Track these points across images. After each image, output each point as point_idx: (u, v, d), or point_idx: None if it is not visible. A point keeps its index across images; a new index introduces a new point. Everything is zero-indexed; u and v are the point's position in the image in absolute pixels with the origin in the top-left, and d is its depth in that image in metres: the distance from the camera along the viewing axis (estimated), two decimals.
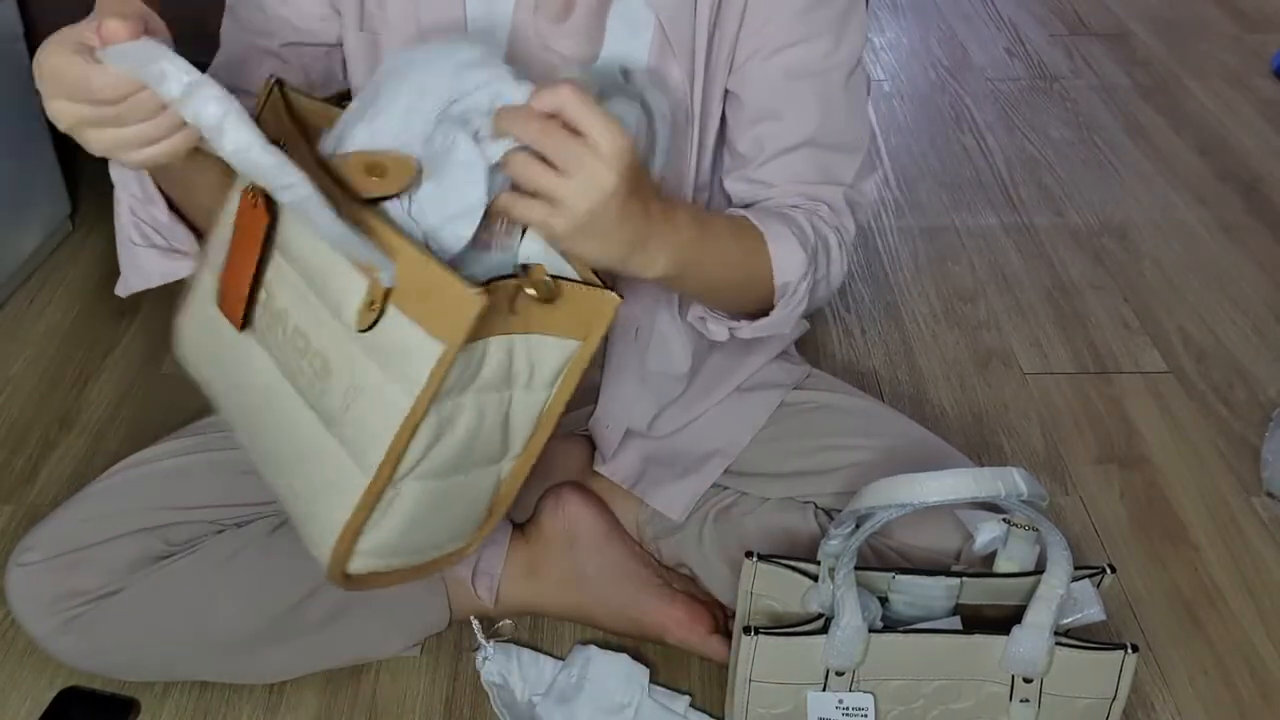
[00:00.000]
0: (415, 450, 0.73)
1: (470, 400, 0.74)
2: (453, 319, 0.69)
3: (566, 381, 0.78)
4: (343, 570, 0.78)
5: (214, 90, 0.59)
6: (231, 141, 0.60)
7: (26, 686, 1.01)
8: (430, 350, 0.69)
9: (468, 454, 0.77)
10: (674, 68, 0.86)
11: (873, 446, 1.01)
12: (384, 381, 0.72)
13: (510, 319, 0.73)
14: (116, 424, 1.32)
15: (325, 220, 0.64)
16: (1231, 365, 1.46)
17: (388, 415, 0.72)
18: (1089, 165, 1.92)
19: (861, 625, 0.85)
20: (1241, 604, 1.13)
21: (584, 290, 0.75)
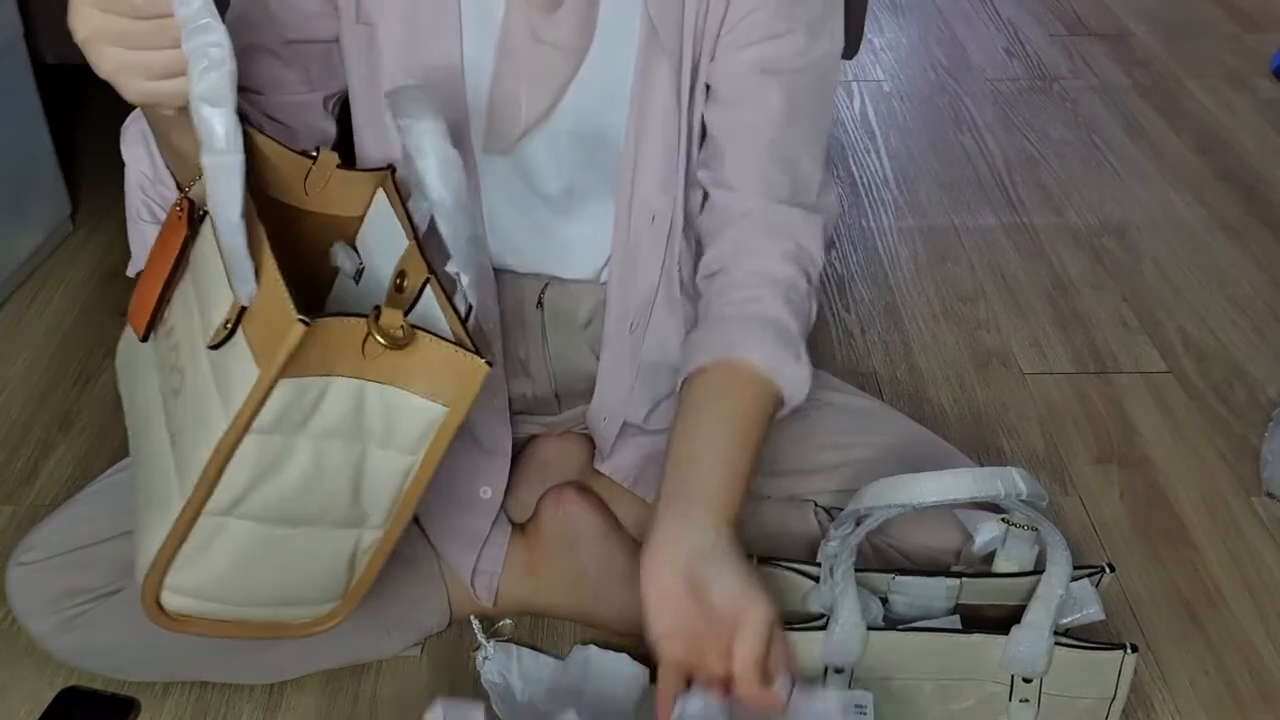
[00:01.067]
0: (235, 482, 0.70)
1: (305, 443, 0.70)
2: (273, 346, 0.66)
3: (433, 450, 0.73)
4: (155, 601, 0.75)
5: (221, 39, 0.60)
6: (206, 86, 0.61)
7: (27, 686, 1.01)
8: (249, 375, 0.67)
9: (305, 503, 0.73)
10: (661, 60, 0.87)
11: (872, 446, 1.01)
12: (217, 407, 0.69)
13: (362, 363, 0.69)
14: (116, 424, 1.31)
15: (229, 199, 0.63)
16: (1231, 365, 1.46)
17: (208, 437, 0.69)
18: (1088, 165, 1.92)
19: (860, 621, 0.85)
20: (1241, 604, 1.13)
21: (445, 350, 0.70)
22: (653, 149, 0.90)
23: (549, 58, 0.86)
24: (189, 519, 0.71)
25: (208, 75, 0.61)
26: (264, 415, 0.68)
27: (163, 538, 0.72)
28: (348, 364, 0.68)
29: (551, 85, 0.88)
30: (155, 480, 0.75)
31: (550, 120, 0.90)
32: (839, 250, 1.69)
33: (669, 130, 0.90)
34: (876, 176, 1.89)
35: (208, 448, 0.69)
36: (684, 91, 0.89)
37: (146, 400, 0.78)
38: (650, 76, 0.88)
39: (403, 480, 0.75)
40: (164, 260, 0.76)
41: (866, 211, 1.79)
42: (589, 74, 0.88)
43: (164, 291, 0.77)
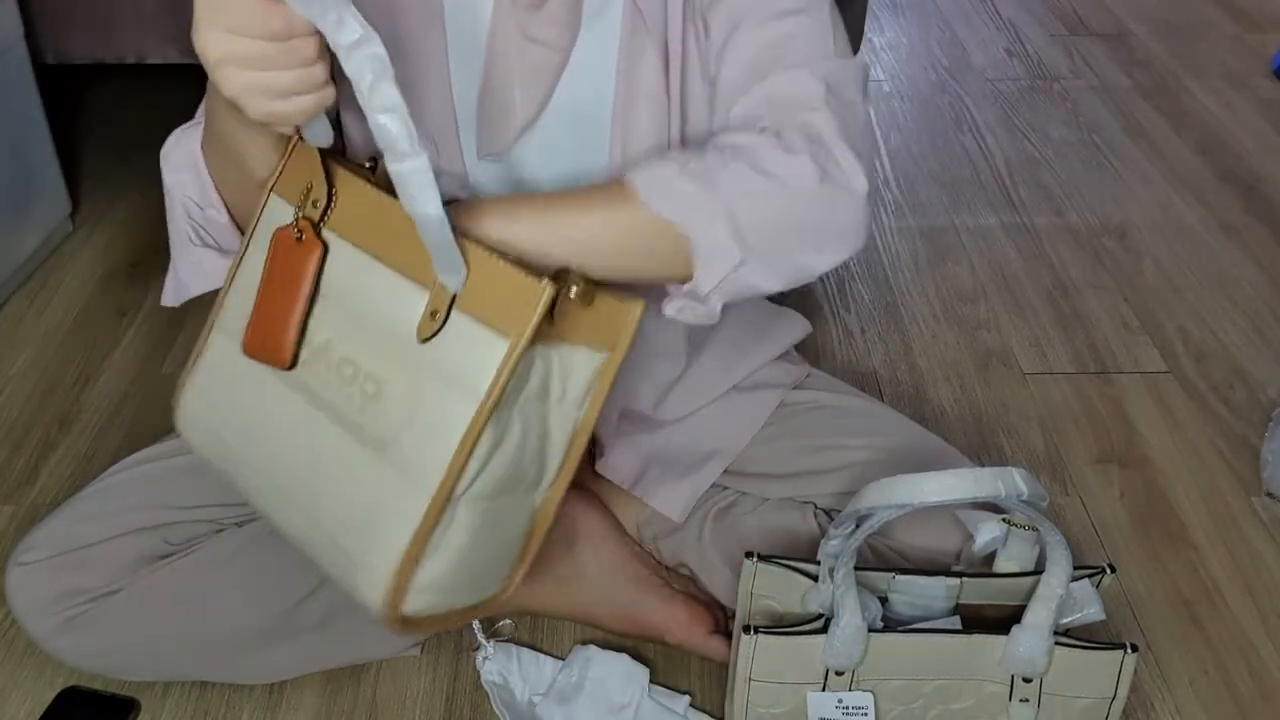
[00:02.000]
0: (473, 464, 0.71)
1: (517, 414, 0.72)
2: (520, 310, 0.67)
3: (595, 398, 0.76)
4: (398, 610, 0.74)
5: (380, 49, 0.61)
6: (381, 98, 0.61)
7: (27, 686, 1.01)
8: (497, 348, 0.68)
9: (513, 473, 0.75)
10: (646, 42, 0.86)
11: (872, 446, 1.01)
12: (443, 392, 0.70)
13: (548, 328, 0.70)
14: (116, 424, 1.32)
15: (427, 197, 0.64)
16: (1231, 365, 1.46)
17: (449, 428, 0.69)
18: (1089, 165, 1.92)
19: (861, 625, 0.85)
20: (1241, 604, 1.13)
21: (613, 301, 0.73)
22: (641, 131, 0.89)
23: (538, 55, 0.86)
24: (435, 514, 0.71)
25: (379, 87, 0.61)
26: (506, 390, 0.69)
27: (403, 545, 0.71)
28: (542, 331, 0.69)
29: (542, 83, 0.88)
30: (352, 501, 0.74)
31: (542, 118, 0.89)
32: None
33: (657, 111, 0.88)
34: (877, 177, 1.88)
35: (450, 434, 0.69)
36: (674, 70, 0.87)
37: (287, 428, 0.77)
38: (635, 59, 0.87)
39: (571, 434, 0.77)
40: (294, 286, 0.75)
41: None
42: (576, 67, 0.87)
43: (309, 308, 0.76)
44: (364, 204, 0.73)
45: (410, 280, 0.71)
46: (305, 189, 0.76)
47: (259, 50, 0.63)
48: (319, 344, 0.75)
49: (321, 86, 0.66)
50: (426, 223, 0.66)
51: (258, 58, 0.63)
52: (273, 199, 0.78)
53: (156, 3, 1.49)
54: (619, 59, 0.87)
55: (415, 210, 0.65)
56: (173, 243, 0.87)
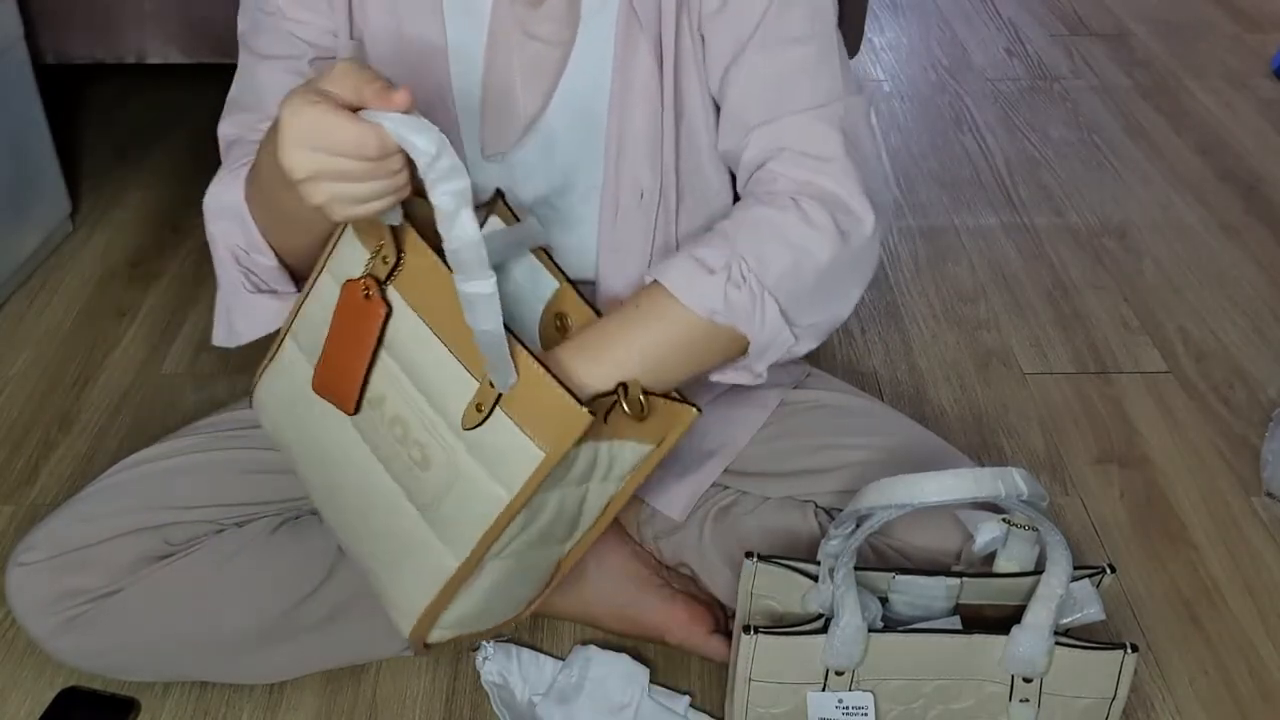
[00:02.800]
0: (505, 538, 0.79)
1: (555, 494, 0.80)
2: (559, 431, 0.74)
3: (636, 475, 0.84)
4: (423, 641, 0.87)
5: (465, 182, 0.64)
6: (458, 231, 0.65)
7: (26, 686, 1.01)
8: (533, 455, 0.75)
9: (545, 537, 0.83)
10: (640, 38, 0.86)
11: (872, 446, 1.01)
12: (485, 477, 0.77)
13: (603, 428, 0.77)
14: (116, 424, 1.32)
15: (490, 319, 0.70)
16: (1232, 365, 1.46)
17: (485, 507, 0.77)
18: (1089, 165, 1.92)
19: (861, 625, 0.85)
20: (1241, 604, 1.13)
21: (669, 405, 0.81)
22: (637, 127, 0.89)
23: (538, 52, 0.86)
24: (465, 574, 0.81)
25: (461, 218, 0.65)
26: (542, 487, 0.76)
27: (433, 594, 0.82)
28: (594, 430, 0.76)
29: (544, 81, 0.88)
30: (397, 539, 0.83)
31: (542, 117, 0.89)
32: None
33: (652, 107, 0.89)
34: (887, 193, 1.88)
35: (485, 514, 0.77)
36: (667, 67, 0.88)
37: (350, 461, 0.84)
38: (630, 54, 0.87)
39: (607, 502, 0.85)
40: (361, 342, 0.80)
41: None
42: (576, 65, 0.88)
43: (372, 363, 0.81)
44: (429, 274, 0.77)
45: (462, 364, 0.76)
46: (379, 243, 0.79)
47: (350, 167, 0.65)
48: (376, 396, 0.81)
49: (404, 188, 0.68)
50: (486, 339, 0.71)
51: (348, 173, 0.65)
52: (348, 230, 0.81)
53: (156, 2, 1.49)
54: (615, 55, 0.88)
55: (477, 327, 0.70)
56: (223, 289, 0.90)
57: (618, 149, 0.90)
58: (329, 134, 0.64)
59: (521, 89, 0.88)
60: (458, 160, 0.64)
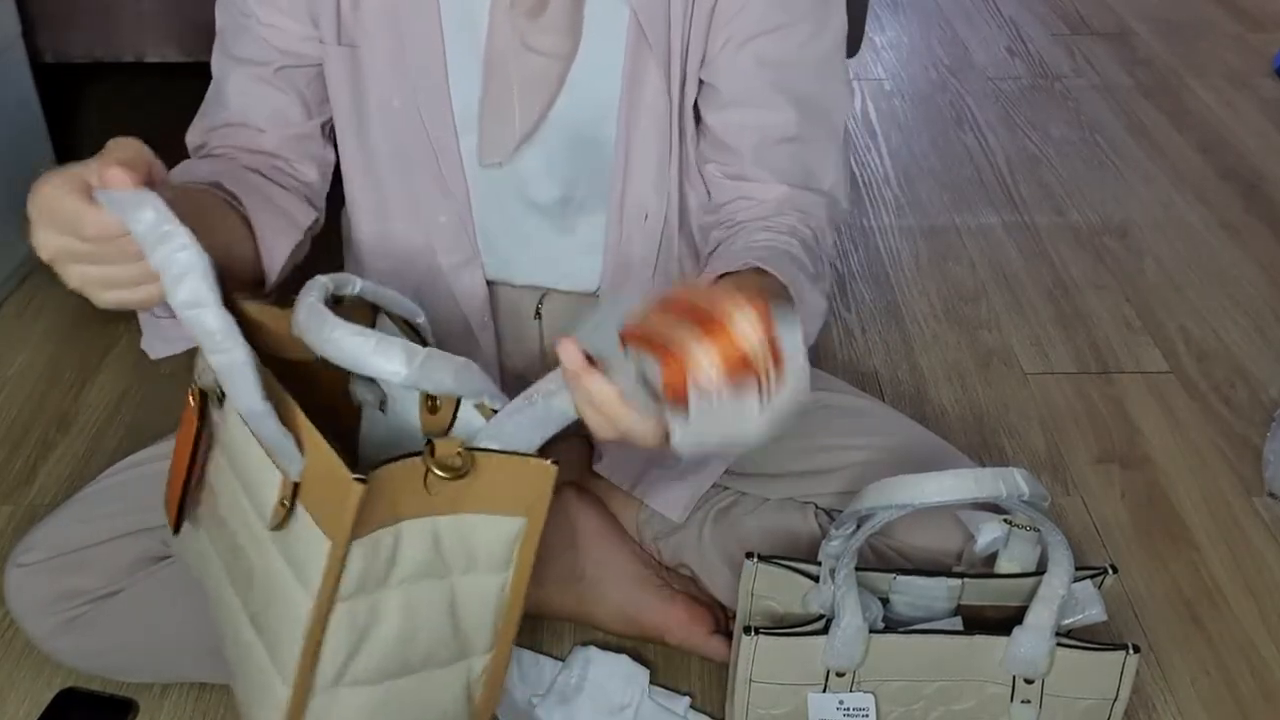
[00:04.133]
0: (334, 653, 0.68)
1: (392, 595, 0.69)
2: (336, 511, 0.64)
3: (521, 561, 0.71)
4: None
5: (185, 242, 0.60)
6: (185, 293, 0.60)
7: (25, 687, 1.01)
8: (320, 547, 0.65)
9: (409, 652, 0.71)
10: (649, 60, 0.86)
11: (873, 447, 1.00)
12: (294, 584, 0.67)
13: (428, 499, 0.66)
14: (115, 424, 1.32)
15: (247, 391, 0.62)
16: (1233, 365, 1.45)
17: (295, 622, 0.67)
18: (1090, 164, 1.92)
19: (862, 626, 0.84)
20: (1243, 604, 1.13)
21: (507, 462, 0.67)
22: (645, 150, 0.89)
23: (537, 65, 0.86)
24: (299, 702, 0.69)
25: (184, 282, 0.60)
26: (345, 582, 0.66)
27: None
28: (414, 505, 0.66)
29: (542, 93, 0.87)
30: (248, 662, 0.74)
31: (542, 128, 0.89)
32: (839, 249, 1.68)
33: (661, 130, 0.89)
34: (877, 175, 1.88)
35: (298, 629, 0.67)
36: (674, 89, 0.87)
37: (216, 581, 0.77)
38: (639, 76, 0.87)
39: (499, 598, 0.73)
40: (184, 450, 0.74)
41: (867, 210, 1.79)
42: (578, 78, 0.87)
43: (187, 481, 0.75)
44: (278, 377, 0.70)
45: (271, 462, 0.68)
46: None
47: (85, 248, 0.63)
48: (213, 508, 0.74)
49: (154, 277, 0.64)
50: (250, 416, 0.64)
51: (86, 254, 0.63)
52: None
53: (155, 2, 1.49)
54: (624, 76, 0.87)
55: (235, 401, 0.63)
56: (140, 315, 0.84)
57: (624, 171, 0.90)
58: (52, 212, 0.63)
59: (519, 101, 0.87)
60: (179, 226, 0.60)
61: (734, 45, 0.86)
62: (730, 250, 0.85)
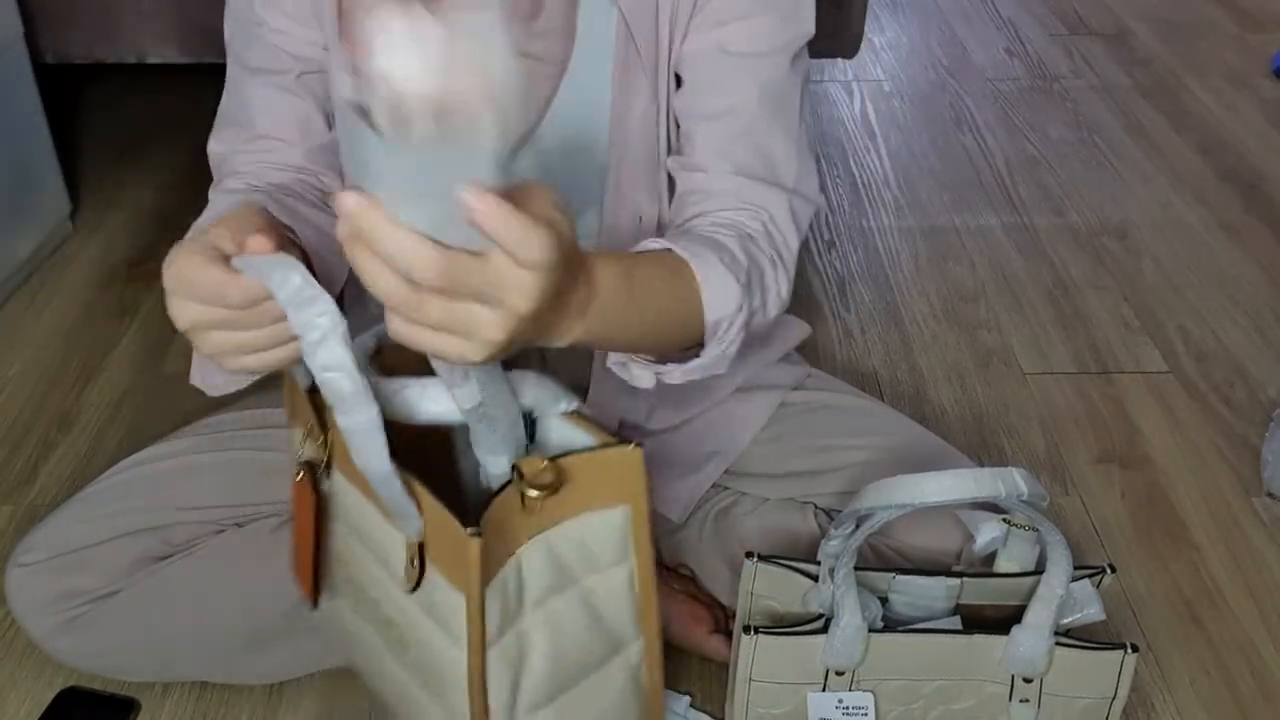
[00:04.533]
0: (501, 694, 0.70)
1: (532, 620, 0.70)
2: (461, 566, 0.66)
3: (639, 545, 0.72)
4: None
5: (326, 306, 0.60)
6: (324, 356, 0.60)
7: (26, 686, 1.01)
8: (457, 603, 0.67)
9: (567, 665, 0.73)
10: (638, 63, 0.86)
11: (873, 447, 1.01)
12: (444, 640, 0.70)
13: (532, 521, 0.68)
14: (116, 424, 1.32)
15: (373, 456, 0.63)
16: (1232, 365, 1.45)
17: (455, 671, 0.69)
18: (1089, 165, 1.92)
19: (861, 625, 0.84)
20: (1242, 604, 1.13)
21: (593, 460, 0.68)
22: (635, 153, 0.89)
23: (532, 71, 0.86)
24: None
25: (324, 345, 0.60)
26: (489, 629, 0.67)
27: None
28: (522, 531, 0.68)
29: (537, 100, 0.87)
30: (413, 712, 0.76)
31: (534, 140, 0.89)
32: (839, 250, 1.69)
33: (649, 135, 0.88)
34: (877, 176, 1.88)
35: (460, 682, 0.69)
36: (663, 94, 0.87)
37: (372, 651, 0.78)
38: (628, 79, 0.87)
39: (630, 586, 0.74)
40: (305, 524, 0.75)
41: (867, 211, 1.79)
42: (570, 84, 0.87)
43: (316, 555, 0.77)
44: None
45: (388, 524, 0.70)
46: (307, 421, 0.74)
47: (224, 315, 0.63)
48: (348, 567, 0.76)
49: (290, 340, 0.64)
50: (375, 479, 0.64)
51: (225, 321, 0.63)
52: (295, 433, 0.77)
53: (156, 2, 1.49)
54: (614, 84, 0.87)
55: (362, 465, 0.64)
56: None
57: (617, 177, 0.90)
58: (194, 283, 0.62)
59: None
60: (321, 290, 0.60)
61: (701, 31, 0.86)
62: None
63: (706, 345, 0.79)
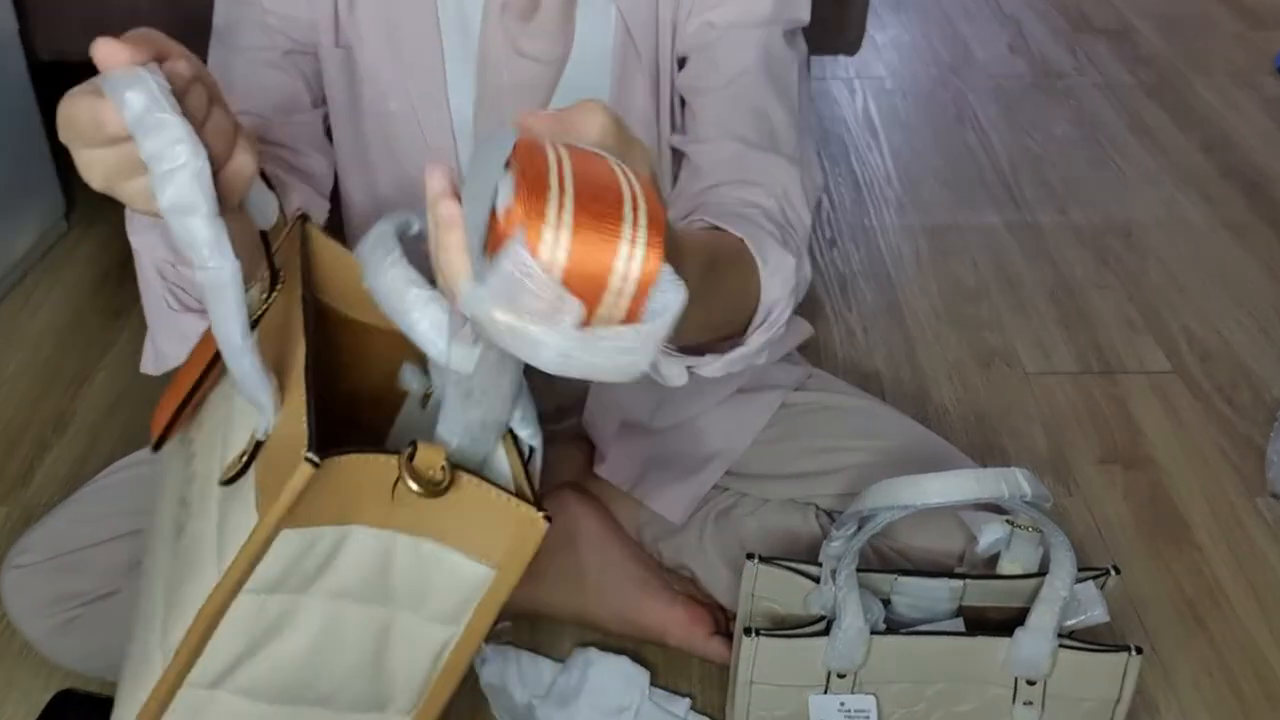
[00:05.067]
0: (224, 649, 0.58)
1: (313, 604, 0.58)
2: (277, 487, 0.54)
3: (477, 620, 0.60)
4: None
5: (181, 133, 0.52)
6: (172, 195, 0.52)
7: (23, 688, 1.01)
8: (247, 523, 0.55)
9: (313, 678, 0.60)
10: (636, 62, 0.86)
11: (875, 448, 1.00)
12: (212, 555, 0.58)
13: (390, 509, 0.56)
14: (112, 425, 1.31)
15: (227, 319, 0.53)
16: (1236, 365, 1.45)
17: (196, 590, 0.57)
18: (1092, 163, 1.91)
19: (863, 627, 0.84)
20: (1246, 605, 1.12)
21: (496, 497, 0.57)
22: None
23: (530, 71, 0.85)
24: (169, 687, 0.58)
25: (174, 179, 0.51)
26: (262, 571, 0.56)
27: (140, 702, 0.59)
28: (373, 511, 0.56)
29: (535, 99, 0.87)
30: (143, 625, 0.64)
31: None
32: (841, 248, 1.68)
33: (649, 133, 0.88)
34: (879, 174, 1.88)
35: (194, 604, 0.57)
36: (663, 92, 0.87)
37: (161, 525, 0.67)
38: (627, 79, 0.87)
39: (437, 656, 0.62)
40: (195, 365, 0.65)
41: (869, 209, 1.78)
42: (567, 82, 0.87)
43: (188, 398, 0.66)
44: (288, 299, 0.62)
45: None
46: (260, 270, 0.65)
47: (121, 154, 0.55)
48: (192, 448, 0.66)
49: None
50: (226, 348, 0.55)
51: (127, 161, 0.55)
52: None
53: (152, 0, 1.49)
54: (612, 84, 0.86)
55: (216, 331, 0.54)
56: (148, 310, 0.82)
57: None
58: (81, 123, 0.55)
59: (511, 108, 0.87)
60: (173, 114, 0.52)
61: (697, 15, 0.86)
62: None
63: (753, 331, 0.74)
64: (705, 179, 0.84)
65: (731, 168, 0.83)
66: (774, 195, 0.81)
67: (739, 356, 0.73)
